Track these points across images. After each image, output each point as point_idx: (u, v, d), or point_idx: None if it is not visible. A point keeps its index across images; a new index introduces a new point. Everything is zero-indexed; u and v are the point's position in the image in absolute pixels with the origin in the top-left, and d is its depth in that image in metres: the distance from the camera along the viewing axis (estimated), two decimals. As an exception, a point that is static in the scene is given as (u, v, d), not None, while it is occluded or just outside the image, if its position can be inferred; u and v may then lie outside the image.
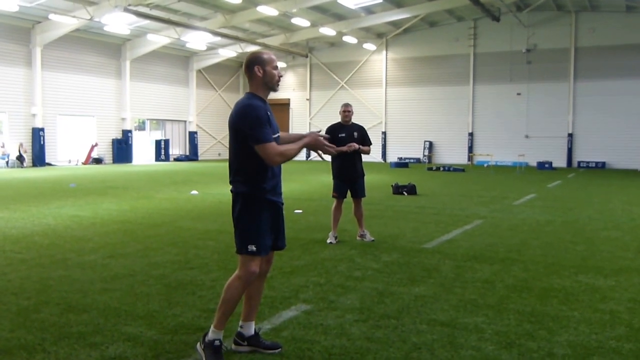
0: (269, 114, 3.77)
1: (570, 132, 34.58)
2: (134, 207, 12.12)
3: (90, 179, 20.35)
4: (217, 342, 3.74)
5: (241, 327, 3.99)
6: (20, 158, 28.77)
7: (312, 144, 3.82)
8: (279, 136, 3.91)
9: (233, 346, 3.98)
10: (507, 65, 35.82)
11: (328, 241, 8.00)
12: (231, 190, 3.85)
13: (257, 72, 3.80)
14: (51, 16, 27.64)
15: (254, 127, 3.64)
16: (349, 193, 8.21)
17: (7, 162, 28.56)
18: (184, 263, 6.65)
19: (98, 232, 8.86)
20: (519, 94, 35.61)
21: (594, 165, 33.47)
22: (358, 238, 8.23)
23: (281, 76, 3.91)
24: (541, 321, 4.59)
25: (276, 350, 3.90)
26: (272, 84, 3.85)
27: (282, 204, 3.97)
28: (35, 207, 11.81)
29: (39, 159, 29.67)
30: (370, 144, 8.28)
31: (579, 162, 34.10)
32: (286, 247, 4.06)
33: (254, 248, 3.71)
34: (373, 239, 8.18)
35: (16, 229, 9.11)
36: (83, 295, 5.27)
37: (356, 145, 7.92)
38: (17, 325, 4.42)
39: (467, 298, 5.23)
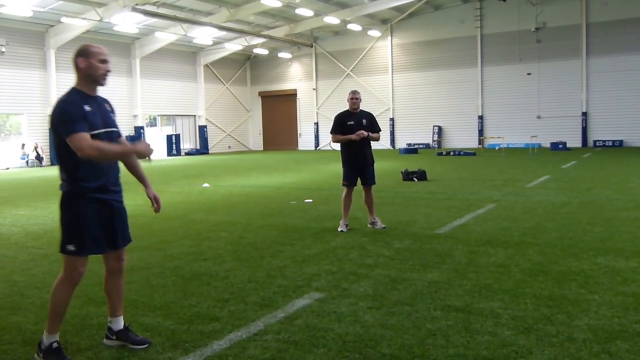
0: (87, 109, 3.60)
1: (584, 110, 34.05)
2: (147, 201, 12.04)
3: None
4: (54, 345, 3.69)
5: (110, 322, 4.00)
6: (38, 157, 29.47)
7: (143, 149, 3.71)
8: (115, 131, 3.80)
9: (105, 340, 3.99)
10: (516, 45, 35.40)
11: (339, 229, 8.00)
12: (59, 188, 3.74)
13: (79, 64, 3.66)
14: (63, 19, 28.24)
15: (64, 121, 3.51)
16: (359, 181, 8.20)
17: (27, 162, 29.39)
18: (198, 255, 6.70)
19: (113, 227, 8.93)
20: (529, 73, 35.17)
21: (610, 144, 32.92)
22: (369, 225, 8.21)
23: (108, 71, 3.73)
24: (559, 305, 4.51)
25: (144, 346, 3.87)
26: (96, 77, 3.68)
27: (119, 201, 3.89)
28: (55, 204, 11.85)
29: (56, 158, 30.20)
30: (379, 130, 8.26)
31: (594, 142, 33.61)
32: (131, 242, 4.02)
33: (73, 248, 3.60)
34: (384, 226, 8.16)
35: (37, 225, 9.31)
36: (102, 288, 5.22)
37: (365, 133, 7.90)
38: (41, 318, 4.50)
39: (481, 283, 5.18)
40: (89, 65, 3.65)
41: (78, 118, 3.53)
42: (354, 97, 8.06)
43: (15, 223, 9.65)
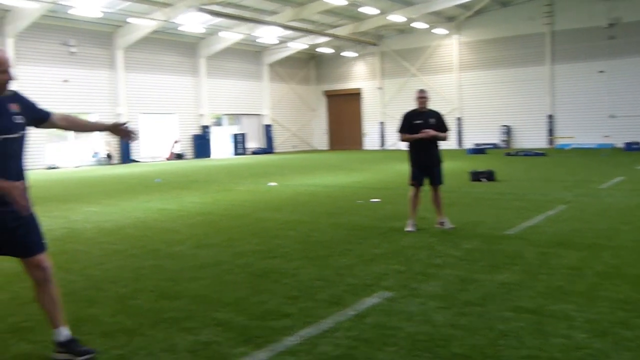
0: None
1: (661, 109, 32.49)
2: (216, 199, 12.53)
3: (174, 174, 21.20)
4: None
5: (53, 335, 3.82)
6: (109, 156, 30.64)
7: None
8: (13, 137, 3.50)
9: (53, 354, 3.81)
10: (587, 42, 34.11)
11: (407, 229, 7.98)
12: None
13: None
14: (130, 19, 29.08)
15: None
16: (426, 181, 8.15)
17: (98, 160, 30.45)
18: (267, 252, 6.84)
19: (184, 224, 9.24)
20: (601, 71, 33.82)
21: (690, 143, 31.26)
22: (437, 226, 8.15)
23: None
24: (637, 309, 4.39)
25: (89, 356, 3.70)
26: None
27: (6, 212, 3.51)
28: (125, 202, 12.45)
29: (125, 156, 31.50)
30: (447, 130, 8.16)
31: (672, 141, 32.05)
32: (41, 252, 3.75)
33: None
34: (453, 226, 8.08)
35: (109, 222, 9.65)
36: (174, 284, 5.54)
37: (431, 132, 7.85)
38: (116, 311, 4.73)
39: (554, 285, 5.08)
40: None
41: None
42: (422, 96, 8.02)
43: (88, 219, 10.02)
